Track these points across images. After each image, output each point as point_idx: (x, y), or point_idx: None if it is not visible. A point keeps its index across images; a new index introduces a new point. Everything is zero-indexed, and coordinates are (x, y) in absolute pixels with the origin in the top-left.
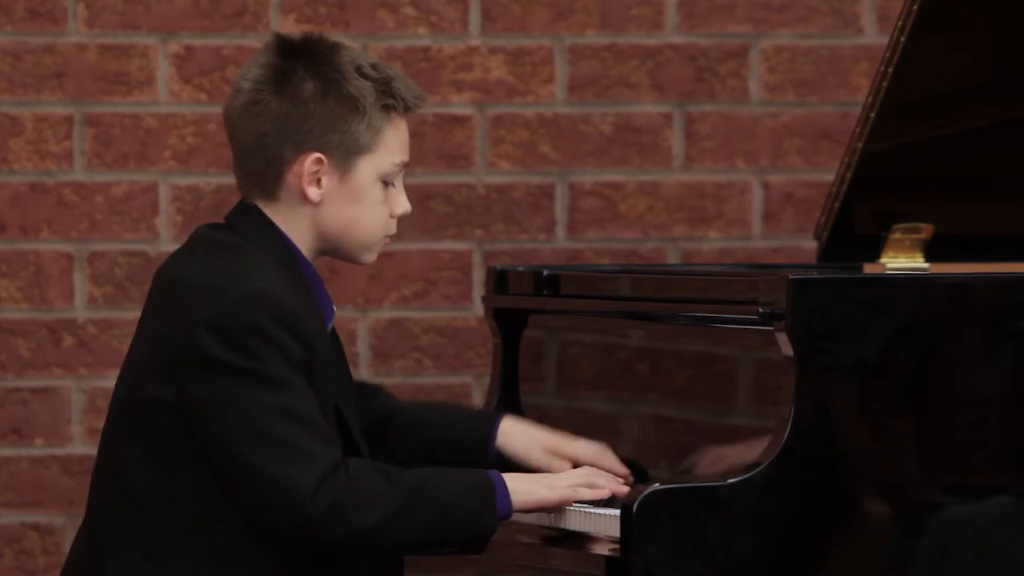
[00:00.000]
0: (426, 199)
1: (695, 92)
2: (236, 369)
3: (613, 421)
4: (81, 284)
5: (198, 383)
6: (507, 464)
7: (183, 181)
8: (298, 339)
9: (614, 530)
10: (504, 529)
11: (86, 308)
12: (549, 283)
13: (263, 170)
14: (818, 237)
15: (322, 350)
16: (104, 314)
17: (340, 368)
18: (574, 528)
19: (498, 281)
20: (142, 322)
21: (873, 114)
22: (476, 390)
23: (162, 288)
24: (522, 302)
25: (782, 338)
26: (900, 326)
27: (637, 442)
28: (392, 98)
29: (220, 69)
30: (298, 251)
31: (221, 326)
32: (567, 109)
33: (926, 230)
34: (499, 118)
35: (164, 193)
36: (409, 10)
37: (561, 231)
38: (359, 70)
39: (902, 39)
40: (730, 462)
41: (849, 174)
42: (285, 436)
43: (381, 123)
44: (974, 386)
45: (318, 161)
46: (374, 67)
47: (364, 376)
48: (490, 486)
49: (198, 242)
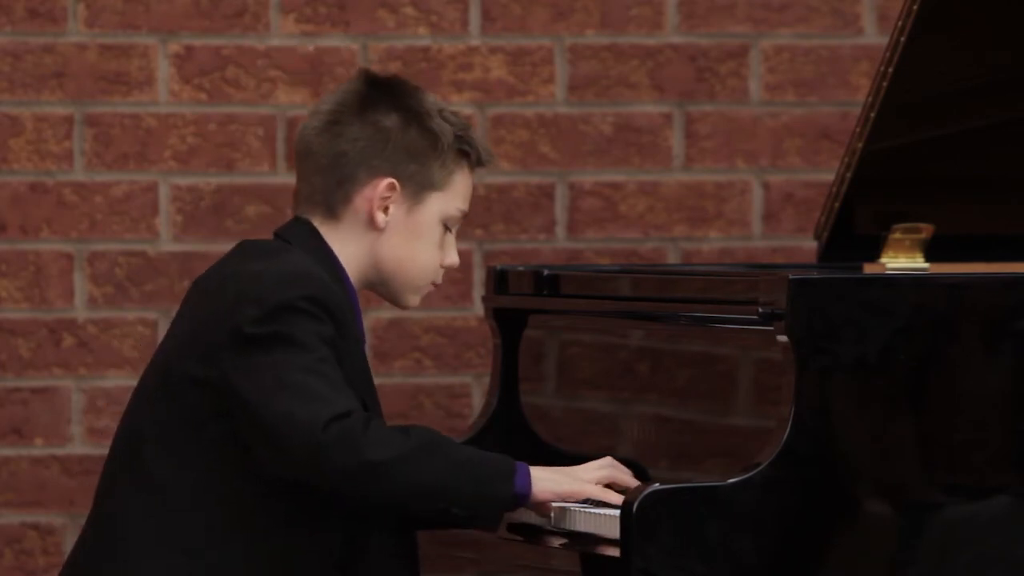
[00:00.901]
0: None
1: (695, 92)
2: (266, 338)
3: (613, 421)
4: (81, 284)
5: (234, 356)
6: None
7: (183, 181)
8: (333, 318)
9: (614, 530)
10: (505, 529)
11: (86, 308)
12: (549, 283)
13: (333, 189)
14: (818, 237)
15: (355, 345)
16: (104, 314)
17: (370, 379)
18: (575, 528)
19: (498, 281)
20: (181, 319)
21: (873, 114)
22: (476, 390)
23: (208, 288)
24: (522, 302)
25: (782, 338)
26: (900, 326)
27: (637, 442)
28: (469, 146)
29: (220, 69)
30: (344, 272)
31: (261, 300)
32: (567, 109)
33: (926, 230)
34: (499, 118)
35: (164, 193)
36: (409, 10)
37: (561, 231)
38: (441, 112)
39: (902, 39)
40: (730, 462)
41: (849, 174)
42: (305, 383)
43: (455, 167)
44: (974, 386)
45: (391, 187)
46: (454, 114)
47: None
48: (512, 465)
49: (245, 248)
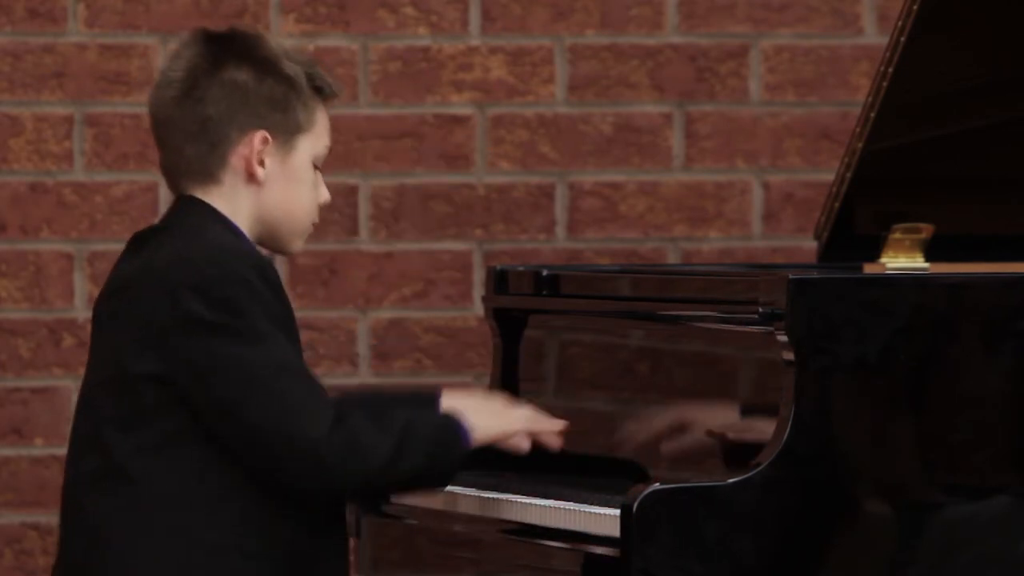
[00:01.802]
0: (426, 199)
1: (695, 92)
2: (221, 326)
3: (613, 421)
4: (81, 284)
5: (186, 345)
6: None
7: None
8: (276, 293)
9: (614, 530)
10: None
11: (86, 308)
12: (549, 283)
13: (206, 154)
14: (818, 237)
15: (288, 307)
16: None
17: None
18: (575, 528)
19: (498, 281)
20: (103, 325)
21: (873, 114)
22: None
23: (121, 287)
24: (522, 302)
25: (782, 338)
26: (900, 326)
27: (637, 442)
28: (321, 80)
29: None
30: (244, 235)
31: (202, 284)
32: (567, 109)
33: (926, 230)
34: (499, 118)
35: (164, 193)
36: (409, 10)
37: (561, 231)
38: (287, 55)
39: (902, 39)
40: (729, 462)
41: (849, 174)
42: (284, 390)
43: (314, 104)
44: (974, 386)
45: (264, 140)
46: (297, 53)
47: (364, 376)
48: (456, 425)
49: (140, 241)
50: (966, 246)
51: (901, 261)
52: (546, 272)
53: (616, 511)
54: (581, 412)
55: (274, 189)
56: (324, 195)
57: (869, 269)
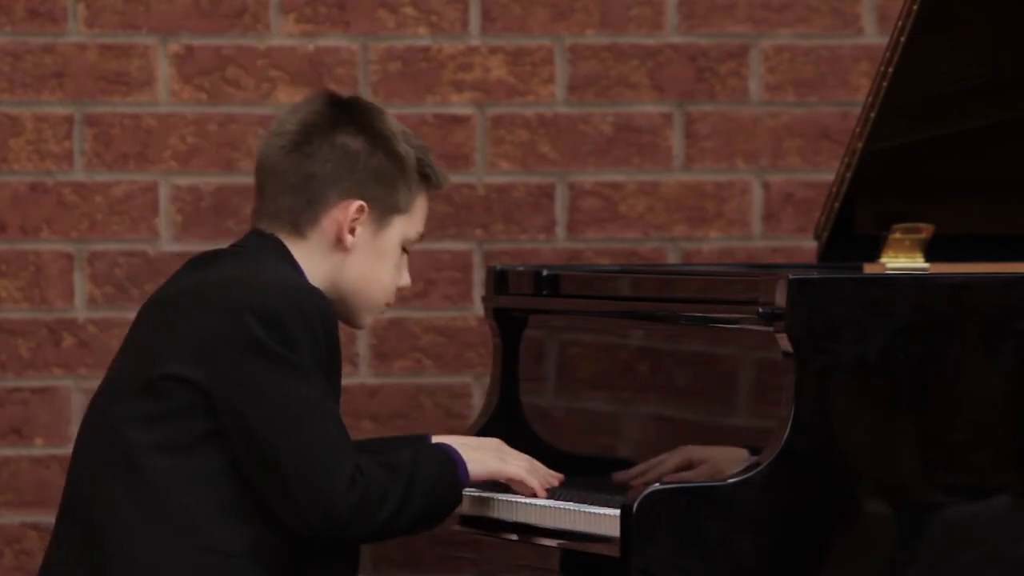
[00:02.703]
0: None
1: (695, 92)
2: (274, 354)
3: (613, 421)
4: (81, 284)
5: (237, 362)
6: None
7: (183, 181)
8: (329, 341)
9: (614, 530)
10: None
11: (86, 308)
12: (549, 283)
13: (301, 209)
14: (818, 237)
15: (340, 358)
16: (104, 314)
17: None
18: (575, 528)
19: (498, 281)
20: (145, 327)
21: (873, 114)
22: (476, 390)
23: (177, 296)
24: (522, 302)
25: (782, 338)
26: (900, 326)
27: (637, 442)
28: (430, 169)
29: (220, 69)
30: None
31: (266, 311)
32: (567, 109)
33: (926, 230)
34: (499, 118)
35: (164, 193)
36: (409, 10)
37: (561, 231)
38: (404, 135)
39: (902, 39)
40: (729, 454)
41: (849, 174)
42: (317, 435)
43: (417, 190)
44: (974, 386)
45: (360, 209)
46: (415, 137)
47: (364, 376)
48: (453, 462)
49: (206, 259)
50: (966, 246)
51: (901, 261)
52: (546, 272)
53: (616, 511)
54: (581, 412)
55: (358, 260)
56: (405, 279)
57: (869, 269)
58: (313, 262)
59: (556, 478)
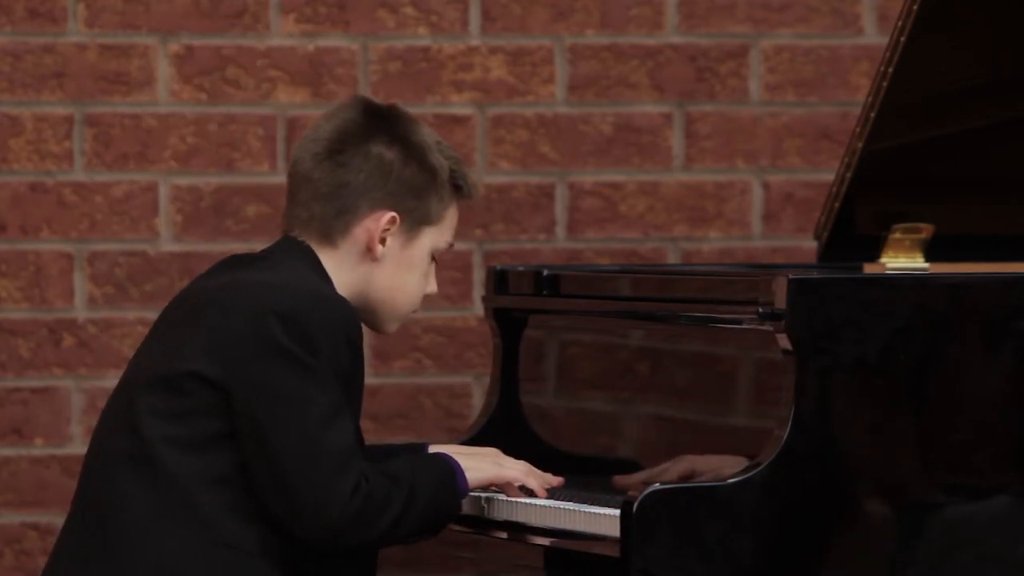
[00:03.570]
0: None
1: (695, 92)
2: (293, 357)
3: (613, 421)
4: (81, 284)
5: (255, 361)
6: None
7: (183, 181)
8: (352, 351)
9: (614, 530)
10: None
11: (86, 308)
12: (549, 283)
13: (332, 217)
14: (818, 237)
15: (362, 366)
16: (104, 314)
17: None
18: (575, 528)
19: (498, 281)
20: (170, 324)
21: (873, 114)
22: (476, 390)
23: (203, 295)
24: (522, 302)
25: (782, 338)
26: (900, 326)
27: (637, 442)
28: (463, 180)
29: (220, 69)
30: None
31: (290, 315)
32: (567, 109)
33: (926, 230)
34: (499, 118)
35: (164, 193)
36: (409, 10)
37: (561, 231)
38: (438, 146)
39: (902, 39)
40: (729, 462)
41: (849, 174)
42: (327, 445)
43: (449, 200)
44: (974, 386)
45: (392, 220)
46: (447, 148)
47: (364, 376)
48: (452, 471)
49: (235, 262)
50: (966, 246)
51: (901, 261)
52: (546, 272)
53: (616, 511)
54: (581, 412)
55: (387, 269)
56: (432, 287)
57: (869, 269)
58: (342, 271)
59: (555, 481)
